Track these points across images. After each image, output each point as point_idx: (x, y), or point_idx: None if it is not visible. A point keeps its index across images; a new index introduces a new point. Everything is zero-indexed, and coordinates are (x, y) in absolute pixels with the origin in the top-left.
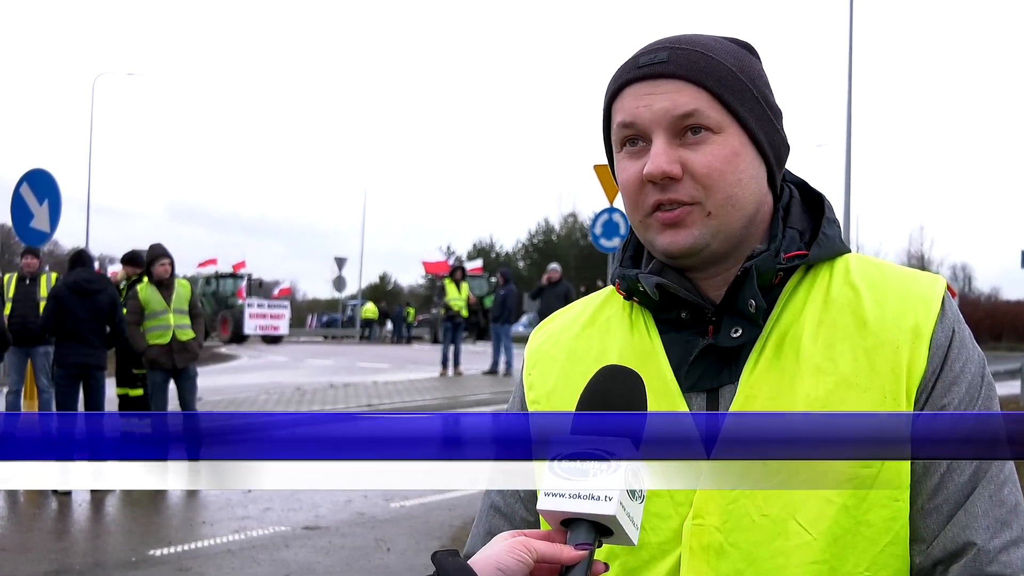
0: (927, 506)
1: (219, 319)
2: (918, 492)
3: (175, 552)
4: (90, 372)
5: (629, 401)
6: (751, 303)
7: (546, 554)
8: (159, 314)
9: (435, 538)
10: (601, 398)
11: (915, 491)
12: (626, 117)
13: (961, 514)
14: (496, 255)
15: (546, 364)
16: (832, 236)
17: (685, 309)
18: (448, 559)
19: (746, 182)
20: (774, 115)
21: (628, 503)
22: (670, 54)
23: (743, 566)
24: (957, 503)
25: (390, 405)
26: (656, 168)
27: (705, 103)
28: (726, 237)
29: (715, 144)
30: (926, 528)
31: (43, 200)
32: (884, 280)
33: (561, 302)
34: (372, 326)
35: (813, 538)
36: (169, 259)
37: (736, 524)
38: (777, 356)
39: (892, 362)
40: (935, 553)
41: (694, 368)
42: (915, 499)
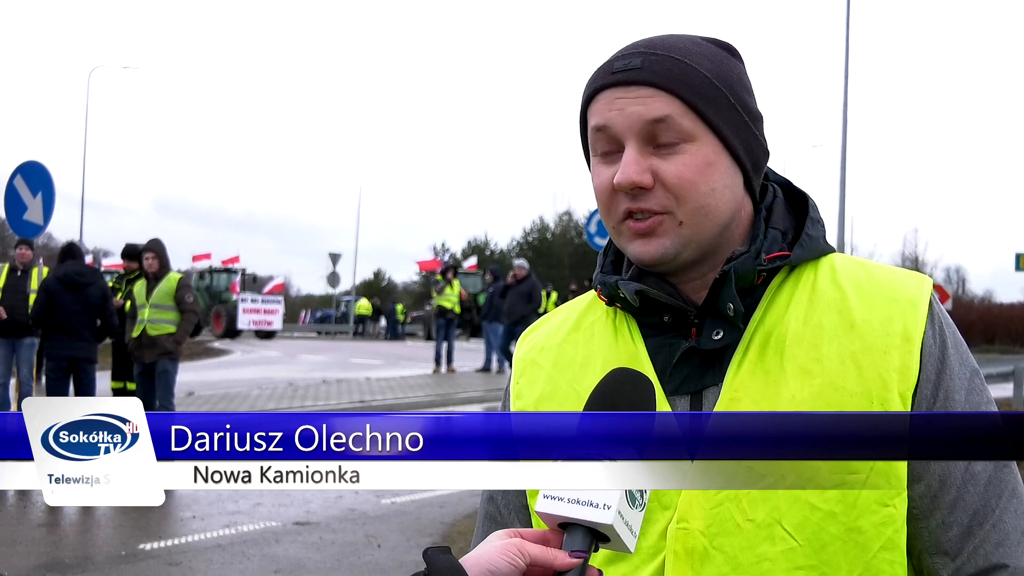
0: (947, 519)
1: (212, 314)
2: (935, 506)
3: (165, 546)
4: (80, 365)
5: (638, 405)
6: (730, 307)
7: (539, 559)
8: (139, 308)
9: (426, 535)
10: (610, 401)
11: (932, 505)
12: (599, 122)
13: (991, 531)
14: (491, 253)
15: (533, 372)
16: (815, 236)
17: (667, 313)
18: (439, 556)
19: (719, 191)
20: (752, 120)
21: (627, 511)
22: (644, 60)
23: (727, 571)
24: (978, 515)
25: (383, 402)
26: (625, 178)
27: (678, 111)
28: (698, 245)
29: (687, 154)
30: (948, 542)
31: (37, 192)
32: (870, 281)
33: (525, 300)
34: (366, 322)
35: (799, 544)
36: (153, 252)
37: (720, 528)
38: (761, 358)
39: (880, 367)
40: (967, 569)
41: (677, 371)
42: (932, 512)
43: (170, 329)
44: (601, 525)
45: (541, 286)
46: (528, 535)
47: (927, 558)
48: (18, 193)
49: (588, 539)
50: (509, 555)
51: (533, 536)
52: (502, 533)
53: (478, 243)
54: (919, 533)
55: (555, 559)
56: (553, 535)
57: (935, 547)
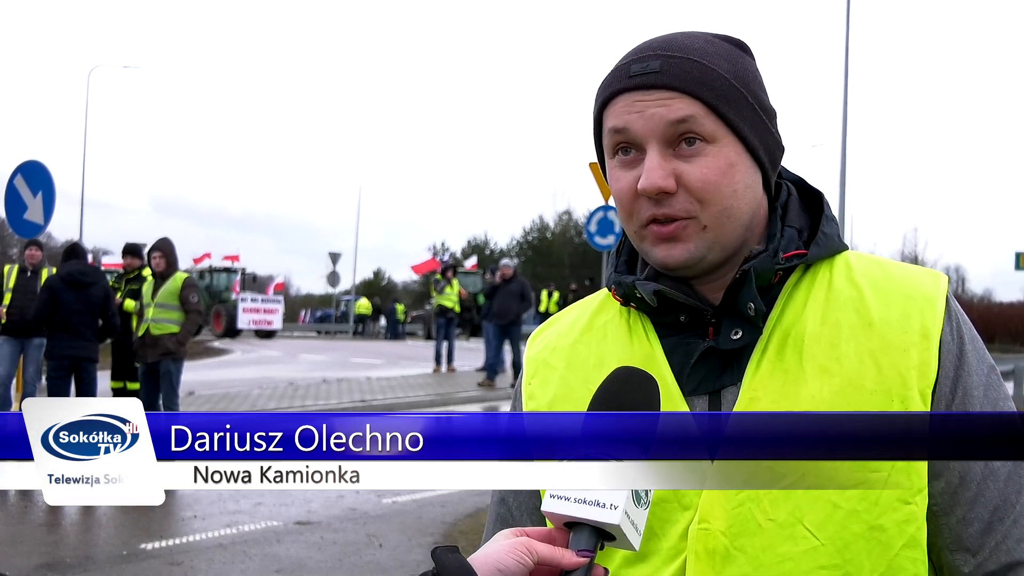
0: (968, 516)
1: (212, 313)
2: (956, 503)
3: (166, 546)
4: (82, 365)
5: (643, 404)
6: (750, 306)
7: (547, 557)
8: (145, 307)
9: (427, 534)
10: (615, 400)
11: (952, 501)
12: (618, 123)
13: (1012, 527)
14: (491, 252)
15: (546, 373)
16: (831, 234)
17: (684, 312)
18: (448, 556)
19: (741, 192)
20: (768, 117)
21: (633, 510)
22: (662, 63)
23: (749, 571)
24: (999, 511)
25: (383, 401)
26: (651, 184)
27: (699, 113)
28: (722, 248)
29: (710, 156)
30: (969, 538)
31: (37, 192)
32: (887, 279)
33: (516, 300)
34: (366, 322)
35: (821, 543)
36: (161, 252)
37: (742, 528)
38: (780, 357)
39: (900, 365)
40: (989, 565)
41: (695, 371)
42: (952, 509)
43: (173, 329)
44: (608, 525)
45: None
46: (534, 534)
47: (947, 555)
48: (18, 193)
49: (594, 538)
50: (517, 553)
51: (539, 535)
52: (509, 532)
53: (478, 242)
54: (939, 530)
55: (563, 558)
56: (559, 534)
57: (956, 543)
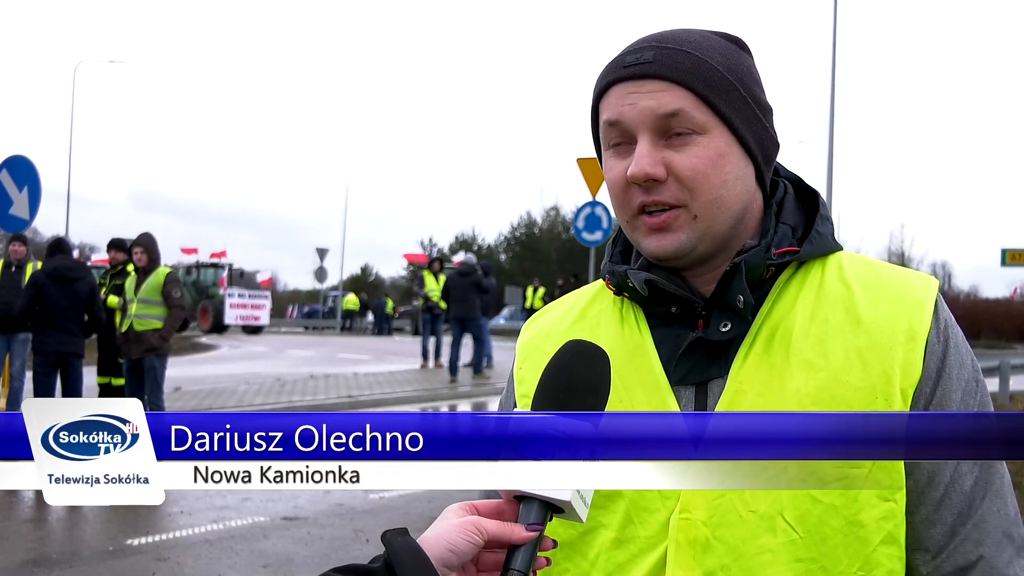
0: (932, 517)
1: (199, 309)
2: (921, 502)
3: (153, 542)
4: (68, 360)
5: (594, 379)
6: (739, 299)
7: (496, 534)
8: (127, 303)
9: (415, 529)
10: (564, 373)
11: (918, 501)
12: (612, 116)
13: (972, 529)
14: (478, 248)
15: (537, 358)
16: (825, 234)
17: (675, 303)
18: (398, 539)
19: (732, 183)
20: (763, 112)
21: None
22: (656, 54)
23: (729, 561)
24: (962, 515)
25: (371, 397)
26: (639, 170)
27: (690, 104)
28: (712, 239)
29: (700, 146)
30: (931, 539)
31: (22, 187)
32: (878, 280)
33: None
34: (353, 317)
35: (800, 536)
36: (142, 247)
37: (722, 519)
38: (767, 351)
39: (884, 363)
40: (946, 567)
41: (683, 361)
42: (918, 508)
43: (156, 324)
44: (559, 501)
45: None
46: (483, 507)
47: (908, 553)
48: (3, 188)
49: (543, 511)
50: (467, 533)
51: (488, 508)
52: (457, 508)
53: (466, 238)
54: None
55: (512, 534)
56: (508, 506)
57: (917, 543)
